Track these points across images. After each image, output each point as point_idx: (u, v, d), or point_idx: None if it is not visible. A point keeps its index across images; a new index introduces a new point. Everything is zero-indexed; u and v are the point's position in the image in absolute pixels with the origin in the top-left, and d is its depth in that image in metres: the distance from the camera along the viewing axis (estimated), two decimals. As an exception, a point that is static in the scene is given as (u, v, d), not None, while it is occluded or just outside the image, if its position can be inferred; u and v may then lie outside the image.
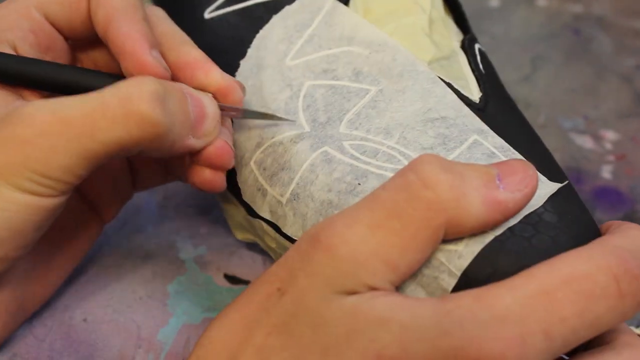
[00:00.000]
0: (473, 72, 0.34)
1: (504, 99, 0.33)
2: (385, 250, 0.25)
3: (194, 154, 0.32)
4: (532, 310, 0.23)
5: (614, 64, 0.53)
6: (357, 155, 0.31)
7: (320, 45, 0.34)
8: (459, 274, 0.26)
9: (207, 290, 0.38)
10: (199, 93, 0.32)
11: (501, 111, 0.32)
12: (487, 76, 0.34)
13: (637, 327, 0.35)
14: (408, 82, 0.32)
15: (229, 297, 0.37)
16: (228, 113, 0.33)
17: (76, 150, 0.28)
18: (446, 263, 0.26)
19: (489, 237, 0.26)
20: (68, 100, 0.28)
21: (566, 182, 0.29)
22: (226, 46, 0.35)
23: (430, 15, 0.34)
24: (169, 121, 0.29)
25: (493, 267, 0.26)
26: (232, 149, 0.32)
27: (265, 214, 0.33)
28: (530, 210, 0.27)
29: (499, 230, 0.27)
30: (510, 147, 0.30)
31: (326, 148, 0.31)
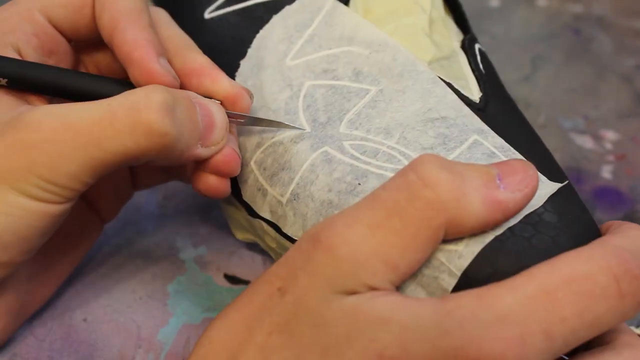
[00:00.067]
0: (473, 72, 0.34)
1: (504, 99, 0.33)
2: (385, 250, 0.25)
3: (202, 162, 0.32)
4: (533, 310, 0.23)
5: (614, 64, 0.53)
6: (357, 155, 0.31)
7: (321, 45, 0.34)
8: (459, 274, 0.26)
9: (207, 290, 0.38)
10: (208, 101, 0.31)
11: (501, 111, 0.32)
12: (487, 76, 0.34)
13: (637, 327, 0.35)
14: (408, 82, 0.32)
15: (229, 297, 0.37)
16: (235, 120, 0.32)
17: (83, 158, 0.28)
18: (446, 263, 0.26)
19: (489, 237, 0.26)
20: (76, 107, 0.28)
21: (566, 182, 0.29)
22: (226, 46, 0.35)
23: (431, 15, 0.34)
24: (178, 131, 0.29)
25: (493, 267, 0.26)
26: (239, 156, 0.32)
27: (265, 214, 0.33)
28: (531, 210, 0.27)
29: (499, 230, 0.27)
30: (511, 147, 0.30)
31: (326, 148, 0.31)
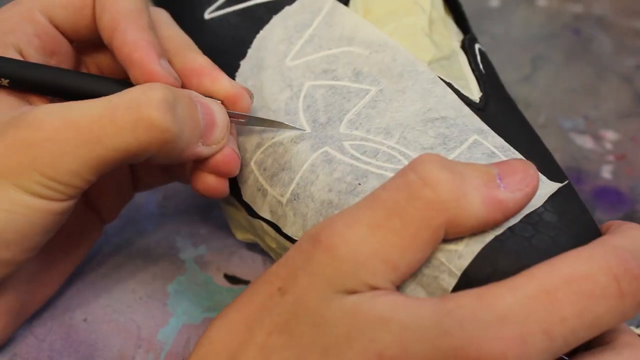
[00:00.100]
0: (473, 72, 0.34)
1: (504, 99, 0.33)
2: (385, 250, 0.25)
3: (201, 161, 0.32)
4: (533, 310, 0.23)
5: (614, 64, 0.53)
6: (358, 155, 0.31)
7: (321, 46, 0.34)
8: (459, 274, 0.26)
9: (207, 290, 0.38)
10: (209, 100, 0.31)
11: (501, 111, 0.32)
12: (487, 76, 0.34)
13: (637, 327, 0.35)
14: (408, 82, 0.32)
15: (229, 297, 0.37)
16: (235, 120, 0.32)
17: (85, 156, 0.28)
18: (446, 263, 0.26)
19: (489, 237, 0.26)
20: (77, 105, 0.28)
21: (566, 182, 0.29)
22: (226, 46, 0.35)
23: (431, 16, 0.34)
24: (179, 128, 0.29)
25: (493, 267, 0.26)
26: (239, 156, 0.32)
27: (265, 214, 0.33)
28: (531, 209, 0.27)
29: (499, 230, 0.27)
30: (511, 147, 0.30)
31: (326, 148, 0.31)
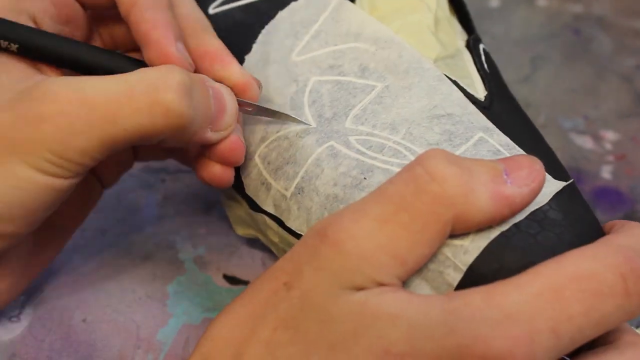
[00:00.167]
0: (478, 71, 0.34)
1: (508, 98, 0.34)
2: (393, 244, 0.25)
3: (207, 148, 0.32)
4: (540, 308, 0.23)
5: (614, 64, 0.53)
6: (363, 150, 0.31)
7: (327, 41, 0.34)
8: (464, 269, 0.26)
9: (207, 290, 0.37)
10: (220, 86, 0.31)
11: (506, 110, 0.32)
12: (491, 75, 0.34)
13: (638, 327, 0.35)
14: (414, 79, 0.32)
15: (229, 297, 0.37)
16: (243, 108, 0.33)
17: (96, 134, 0.28)
18: (452, 258, 0.26)
19: (495, 233, 0.26)
20: (93, 81, 0.28)
21: (571, 180, 0.29)
22: (231, 41, 0.35)
23: (436, 15, 0.35)
24: (193, 113, 0.29)
25: (499, 263, 0.26)
26: (244, 144, 0.32)
27: (268, 207, 0.33)
28: (536, 207, 0.27)
29: (505, 226, 0.27)
30: (516, 145, 0.30)
31: (332, 143, 0.31)
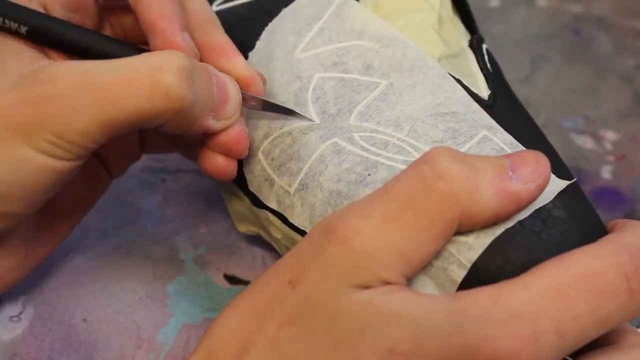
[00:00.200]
0: (481, 70, 0.34)
1: (510, 97, 0.34)
2: (399, 242, 0.25)
3: (211, 138, 0.32)
4: (546, 308, 0.23)
5: (614, 64, 0.53)
6: (367, 146, 0.31)
7: (331, 39, 0.34)
8: (468, 266, 0.26)
9: (207, 290, 0.37)
10: (224, 75, 0.32)
11: (509, 109, 0.32)
12: (494, 75, 0.34)
13: (638, 327, 0.35)
14: (418, 76, 0.32)
15: (229, 297, 0.37)
16: (247, 103, 0.33)
17: (97, 116, 0.28)
18: (456, 254, 0.26)
19: (499, 230, 0.26)
20: (96, 64, 0.28)
21: (574, 179, 0.29)
22: (234, 38, 0.35)
23: (440, 14, 0.35)
24: (194, 98, 0.29)
25: (503, 259, 0.26)
26: (248, 137, 0.32)
27: (272, 203, 0.33)
28: (540, 205, 0.27)
29: (509, 223, 0.27)
30: (519, 144, 0.30)
31: (336, 139, 0.31)
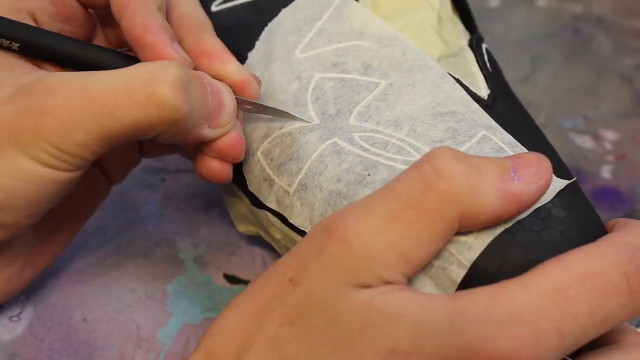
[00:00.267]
0: (481, 70, 0.34)
1: (510, 97, 0.34)
2: (400, 242, 0.25)
3: (206, 144, 0.32)
4: (546, 308, 0.23)
5: (614, 64, 0.53)
6: (367, 147, 0.31)
7: (330, 39, 0.34)
8: (468, 266, 0.26)
9: (207, 290, 0.37)
10: (219, 83, 0.32)
11: (509, 109, 0.32)
12: (494, 75, 0.34)
13: (638, 327, 0.35)
14: (418, 76, 0.32)
15: (229, 297, 0.37)
16: (242, 106, 0.33)
17: (95, 128, 0.28)
18: (456, 254, 0.26)
19: (499, 230, 0.27)
20: (92, 76, 0.28)
21: (574, 179, 0.29)
22: (234, 39, 0.35)
23: (439, 14, 0.35)
24: (190, 108, 0.29)
25: (503, 259, 0.26)
26: (245, 142, 0.32)
27: (272, 204, 0.33)
28: (540, 205, 0.27)
29: (509, 223, 0.27)
30: (519, 144, 0.30)
31: (336, 139, 0.31)
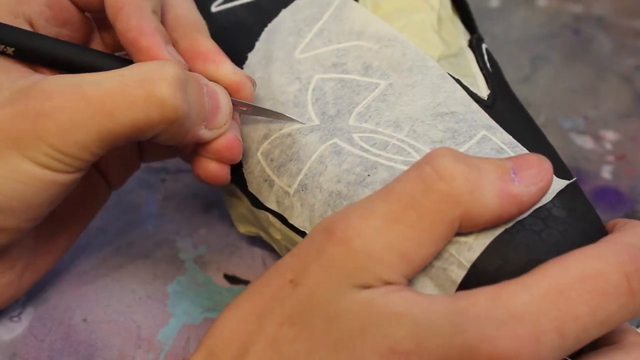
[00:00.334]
0: (481, 70, 0.34)
1: (510, 97, 0.34)
2: (400, 243, 0.25)
3: (203, 146, 0.32)
4: (546, 308, 0.23)
5: (614, 64, 0.53)
6: (367, 147, 0.31)
7: (330, 39, 0.34)
8: (468, 266, 0.26)
9: (207, 290, 0.37)
10: (215, 85, 0.32)
11: (509, 109, 0.32)
12: (494, 75, 0.34)
13: (638, 327, 0.35)
14: (418, 76, 0.32)
15: (229, 297, 0.37)
16: (238, 108, 0.33)
17: (94, 129, 0.28)
18: (456, 255, 0.26)
19: (499, 230, 0.26)
20: (89, 77, 0.28)
21: (574, 179, 0.29)
22: (233, 39, 0.35)
23: (439, 14, 0.35)
24: (188, 107, 0.29)
25: (503, 260, 0.26)
26: (241, 143, 0.32)
27: (271, 204, 0.33)
28: (540, 205, 0.27)
29: (509, 223, 0.27)
30: (519, 144, 0.30)
31: (335, 140, 0.31)
